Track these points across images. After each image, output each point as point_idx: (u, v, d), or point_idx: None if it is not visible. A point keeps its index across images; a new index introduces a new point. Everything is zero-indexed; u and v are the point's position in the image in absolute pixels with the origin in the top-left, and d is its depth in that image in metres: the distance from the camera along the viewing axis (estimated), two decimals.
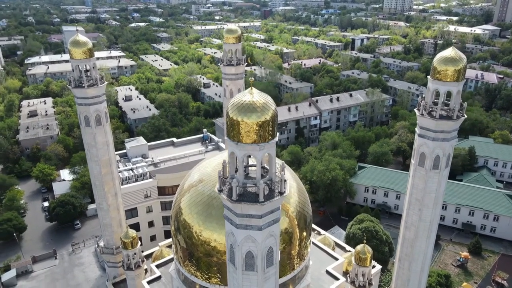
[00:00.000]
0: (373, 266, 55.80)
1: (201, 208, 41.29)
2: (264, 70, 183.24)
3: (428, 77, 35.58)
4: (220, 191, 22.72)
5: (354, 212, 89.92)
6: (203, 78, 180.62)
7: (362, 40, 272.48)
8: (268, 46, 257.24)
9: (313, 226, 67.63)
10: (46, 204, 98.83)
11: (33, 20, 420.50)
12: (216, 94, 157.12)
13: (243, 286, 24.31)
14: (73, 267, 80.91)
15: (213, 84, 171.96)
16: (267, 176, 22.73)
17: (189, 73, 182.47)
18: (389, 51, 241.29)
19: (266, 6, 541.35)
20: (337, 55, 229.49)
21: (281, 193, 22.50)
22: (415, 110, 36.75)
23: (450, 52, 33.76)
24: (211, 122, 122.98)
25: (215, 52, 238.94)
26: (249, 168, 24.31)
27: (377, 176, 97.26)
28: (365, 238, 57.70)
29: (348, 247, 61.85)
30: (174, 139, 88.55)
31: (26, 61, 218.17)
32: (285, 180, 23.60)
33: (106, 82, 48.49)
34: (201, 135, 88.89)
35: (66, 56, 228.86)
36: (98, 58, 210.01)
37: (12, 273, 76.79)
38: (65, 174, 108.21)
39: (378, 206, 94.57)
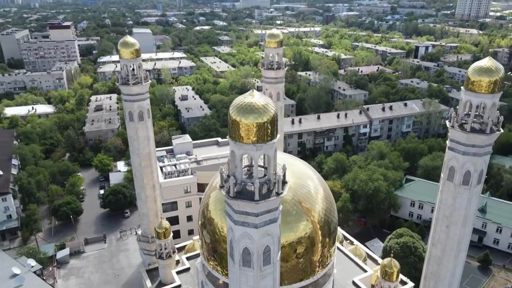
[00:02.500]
0: (405, 283, 53.61)
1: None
2: (319, 75, 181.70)
3: (462, 87, 33.86)
4: (222, 187, 23.83)
5: (397, 226, 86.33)
6: (257, 81, 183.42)
7: (426, 47, 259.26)
8: (326, 51, 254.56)
9: (346, 235, 66.45)
10: (101, 192, 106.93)
11: (109, 22, 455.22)
12: None
13: (241, 281, 25.19)
14: (119, 252, 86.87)
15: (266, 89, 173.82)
16: (265, 176, 23.45)
17: (244, 75, 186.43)
18: (456, 60, 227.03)
19: (329, 12, 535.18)
20: (398, 62, 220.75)
21: (278, 194, 23.08)
22: (447, 121, 35.10)
23: (486, 62, 31.90)
24: None
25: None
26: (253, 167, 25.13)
27: (426, 191, 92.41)
28: (393, 252, 55.48)
29: (380, 261, 59.83)
30: (219, 139, 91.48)
31: (98, 60, 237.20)
32: (285, 182, 24.13)
33: (150, 81, 52.01)
34: None
35: None
36: (161, 59, 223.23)
37: (66, 251, 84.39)
38: (121, 165, 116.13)
39: (424, 222, 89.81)
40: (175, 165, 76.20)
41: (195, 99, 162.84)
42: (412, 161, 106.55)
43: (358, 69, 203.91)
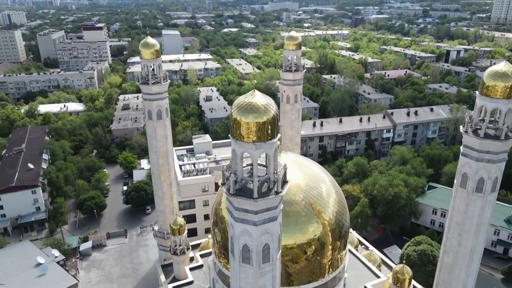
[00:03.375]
0: None
1: None
2: (343, 79, 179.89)
3: (476, 92, 33.10)
4: (223, 184, 24.47)
5: (417, 233, 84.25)
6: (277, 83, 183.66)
7: (458, 52, 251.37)
8: (352, 55, 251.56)
9: (362, 240, 65.76)
10: (125, 188, 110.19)
11: (140, 24, 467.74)
12: None
13: (240, 278, 25.72)
14: (138, 247, 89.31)
15: None
16: (266, 175, 23.90)
17: (268, 78, 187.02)
18: (489, 65, 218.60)
19: (358, 14, 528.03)
20: (427, 67, 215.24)
21: (277, 193, 23.47)
22: (461, 127, 34.38)
23: (502, 66, 31.10)
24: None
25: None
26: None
27: (449, 199, 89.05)
28: (404, 259, 54.47)
29: None
30: None
31: (128, 60, 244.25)
32: (286, 181, 24.49)
33: (169, 81, 53.50)
34: None
35: (162, 57, 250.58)
36: (188, 60, 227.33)
37: (89, 244, 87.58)
38: (144, 163, 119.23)
39: None
40: (194, 164, 77.71)
41: (219, 100, 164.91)
42: (437, 168, 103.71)
43: (385, 73, 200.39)
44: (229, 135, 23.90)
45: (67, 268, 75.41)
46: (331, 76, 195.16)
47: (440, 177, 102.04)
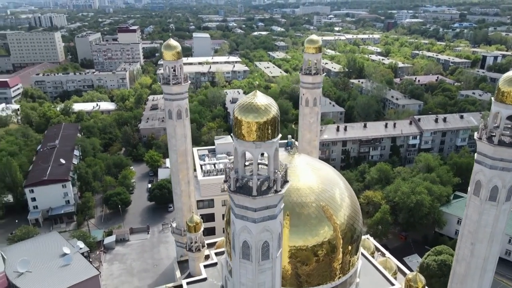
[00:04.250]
0: None
1: None
2: (371, 83, 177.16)
3: (492, 98, 32.32)
4: (226, 181, 25.30)
5: (441, 243, 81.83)
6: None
7: (495, 57, 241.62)
8: (382, 59, 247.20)
9: (378, 246, 64.83)
10: (149, 186, 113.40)
11: (173, 27, 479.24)
12: None
13: (241, 273, 26.42)
14: (159, 244, 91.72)
15: None
16: (266, 174, 24.50)
17: (295, 81, 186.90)
18: None
19: (392, 18, 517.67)
20: (460, 72, 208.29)
21: (276, 191, 24.02)
22: (475, 133, 33.64)
23: None
24: None
25: (326, 63, 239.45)
26: (260, 165, 26.29)
27: None
28: (418, 268, 53.29)
29: None
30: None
31: (159, 62, 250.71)
32: (286, 181, 25.00)
33: (189, 82, 55.07)
34: (286, 141, 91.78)
35: (191, 59, 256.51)
36: (217, 63, 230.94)
37: (112, 238, 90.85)
38: (169, 162, 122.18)
39: None
40: (214, 164, 79.16)
41: None
42: (465, 177, 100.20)
43: (415, 78, 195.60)
44: (231, 134, 24.69)
45: (90, 260, 78.48)
46: (359, 81, 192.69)
47: (467, 187, 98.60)
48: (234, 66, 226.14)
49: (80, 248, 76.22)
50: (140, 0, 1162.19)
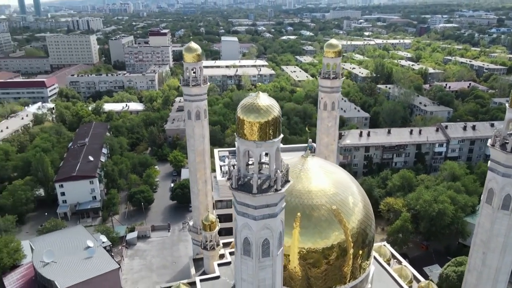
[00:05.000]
0: None
1: None
2: (399, 89, 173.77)
3: (507, 105, 31.62)
4: (229, 179, 26.15)
5: (463, 254, 79.28)
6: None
7: None
8: (412, 65, 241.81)
9: (395, 253, 63.86)
10: (172, 185, 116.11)
11: (203, 31, 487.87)
12: (342, 109, 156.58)
13: (242, 269, 27.14)
14: (179, 242, 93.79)
15: (342, 99, 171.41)
16: (267, 173, 25.16)
17: None
18: None
19: (424, 23, 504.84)
20: (495, 79, 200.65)
21: (276, 190, 24.63)
22: (488, 140, 32.95)
23: None
24: None
25: (353, 68, 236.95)
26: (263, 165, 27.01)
27: None
28: (431, 278, 52.06)
29: None
30: (280, 145, 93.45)
31: None
32: (287, 181, 25.57)
33: (208, 84, 56.51)
34: (306, 145, 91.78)
35: (219, 62, 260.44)
36: (244, 66, 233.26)
37: (134, 234, 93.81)
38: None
39: None
40: (234, 165, 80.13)
41: None
42: None
43: (446, 84, 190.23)
44: (235, 133, 25.54)
45: (112, 254, 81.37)
46: (386, 86, 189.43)
47: None
48: (260, 70, 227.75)
49: (103, 242, 79.33)
50: (173, 4, 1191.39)
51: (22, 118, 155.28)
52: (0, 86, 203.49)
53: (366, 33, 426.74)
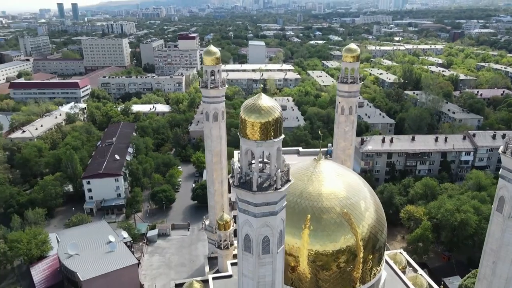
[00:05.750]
0: None
1: None
2: (427, 95, 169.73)
3: None
4: (232, 176, 27.11)
5: None
6: (360, 98, 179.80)
7: None
8: (443, 71, 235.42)
9: (411, 261, 62.79)
10: (194, 185, 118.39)
11: (232, 35, 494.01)
12: (366, 114, 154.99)
13: (243, 265, 27.99)
14: (198, 241, 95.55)
15: (367, 105, 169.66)
16: (265, 171, 25.93)
17: None
18: None
19: (459, 28, 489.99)
20: None
21: (276, 189, 25.34)
22: (501, 146, 32.33)
23: None
24: None
25: (380, 73, 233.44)
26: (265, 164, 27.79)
27: None
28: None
29: None
30: (300, 149, 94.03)
31: None
32: (288, 180, 26.24)
33: (226, 86, 57.85)
34: (326, 149, 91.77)
35: (245, 66, 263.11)
36: (269, 70, 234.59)
37: (155, 232, 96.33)
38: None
39: None
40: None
41: (293, 110, 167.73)
42: None
43: (477, 91, 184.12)
44: (238, 132, 26.48)
45: (132, 250, 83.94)
46: (413, 92, 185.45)
47: None
48: (286, 74, 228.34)
49: (124, 238, 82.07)
50: (204, 9, 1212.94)
51: (56, 117, 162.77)
52: (37, 87, 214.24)
53: (396, 38, 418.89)
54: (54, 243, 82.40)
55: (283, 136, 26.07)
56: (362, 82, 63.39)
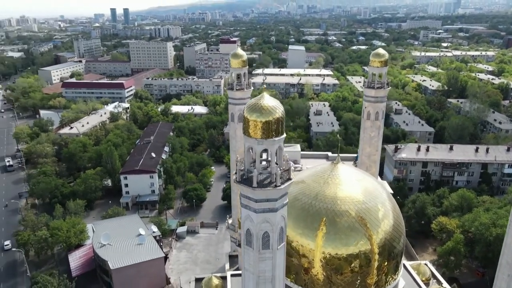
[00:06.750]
0: None
1: (288, 209, 45.73)
2: (471, 104, 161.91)
3: None
4: (236, 173, 28.27)
5: None
6: (398, 104, 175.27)
7: None
8: (492, 79, 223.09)
9: (436, 274, 60.64)
10: (225, 186, 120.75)
11: (273, 39, 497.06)
12: (404, 121, 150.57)
13: (245, 259, 29.01)
14: (224, 240, 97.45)
15: (406, 112, 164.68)
16: (268, 169, 26.82)
17: None
18: None
19: None
20: None
21: (276, 186, 26.18)
22: None
23: None
24: (383, 147, 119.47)
25: (423, 80, 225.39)
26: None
27: None
28: None
29: None
30: (329, 153, 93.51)
31: (253, 72, 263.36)
32: (289, 179, 27.00)
33: (252, 89, 59.29)
34: (356, 155, 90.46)
35: (284, 70, 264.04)
36: (308, 75, 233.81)
37: (184, 229, 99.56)
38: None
39: None
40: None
41: (328, 115, 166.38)
42: None
43: None
44: (242, 131, 27.61)
45: (161, 244, 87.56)
46: (457, 100, 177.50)
47: None
48: (324, 79, 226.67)
49: (153, 232, 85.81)
50: (248, 14, 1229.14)
51: (101, 115, 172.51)
52: (86, 86, 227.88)
53: (444, 44, 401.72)
54: (90, 233, 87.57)
55: (284, 135, 26.86)
56: (390, 88, 62.40)
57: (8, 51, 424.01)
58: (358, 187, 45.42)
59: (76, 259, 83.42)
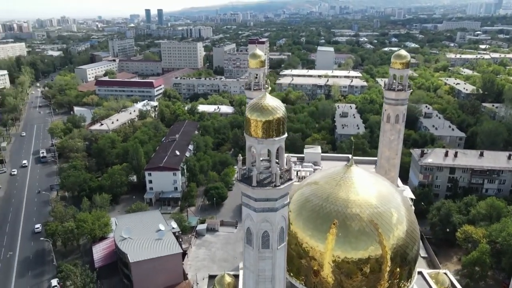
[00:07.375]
0: None
1: (299, 210, 45.53)
2: (508, 108, 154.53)
3: None
4: (237, 172, 28.51)
5: None
6: (428, 108, 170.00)
7: None
8: None
9: (455, 283, 58.43)
10: None
11: (304, 40, 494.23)
12: (433, 126, 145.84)
13: (245, 257, 29.21)
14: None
15: (436, 115, 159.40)
16: (269, 169, 26.85)
17: (415, 100, 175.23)
18: None
19: None
20: None
21: (275, 186, 26.19)
22: None
23: None
24: (408, 152, 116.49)
25: (457, 83, 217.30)
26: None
27: None
28: None
29: None
30: (350, 156, 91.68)
31: (281, 72, 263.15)
32: (289, 179, 26.94)
33: (269, 89, 59.29)
34: (376, 158, 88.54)
35: (312, 72, 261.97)
36: (336, 76, 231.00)
37: (204, 226, 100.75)
38: None
39: None
40: (297, 171, 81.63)
41: (354, 117, 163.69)
42: None
43: None
44: (244, 131, 27.81)
45: (181, 240, 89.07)
46: (493, 105, 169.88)
47: None
48: (352, 81, 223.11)
49: (173, 228, 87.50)
50: (279, 15, 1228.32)
51: (130, 113, 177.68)
52: (118, 85, 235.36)
53: (482, 46, 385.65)
54: (114, 227, 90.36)
55: (285, 135, 26.83)
56: (411, 90, 60.70)
57: (49, 50, 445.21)
58: (371, 190, 44.67)
59: (99, 251, 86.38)
